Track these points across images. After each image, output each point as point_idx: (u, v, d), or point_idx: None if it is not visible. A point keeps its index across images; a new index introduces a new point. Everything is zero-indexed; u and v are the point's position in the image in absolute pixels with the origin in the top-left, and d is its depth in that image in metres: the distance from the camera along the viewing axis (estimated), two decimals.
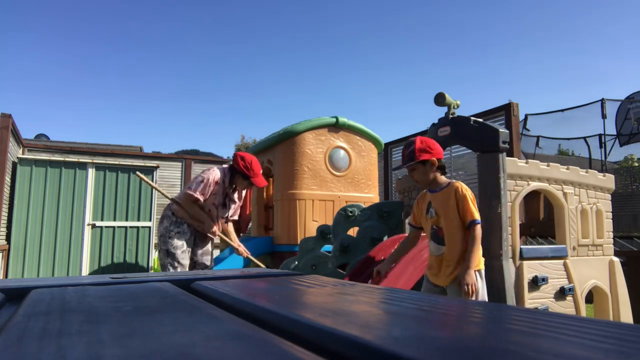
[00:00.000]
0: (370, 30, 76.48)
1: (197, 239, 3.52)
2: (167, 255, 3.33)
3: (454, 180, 2.41)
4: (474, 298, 2.21)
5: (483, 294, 2.33)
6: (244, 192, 3.73)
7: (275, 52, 72.54)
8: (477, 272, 2.28)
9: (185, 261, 3.38)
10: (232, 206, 3.61)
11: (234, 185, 3.55)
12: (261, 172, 3.52)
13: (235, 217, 3.72)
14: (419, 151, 2.33)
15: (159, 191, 3.66)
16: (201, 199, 3.33)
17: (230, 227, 3.71)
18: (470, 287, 2.19)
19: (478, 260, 2.29)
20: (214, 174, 3.40)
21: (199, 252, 3.53)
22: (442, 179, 2.42)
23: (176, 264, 3.32)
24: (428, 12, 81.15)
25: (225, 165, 3.61)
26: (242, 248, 3.63)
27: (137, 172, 3.87)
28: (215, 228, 3.47)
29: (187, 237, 3.41)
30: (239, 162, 3.39)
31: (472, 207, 2.28)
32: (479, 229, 2.27)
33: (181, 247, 3.35)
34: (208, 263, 3.62)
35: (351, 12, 75.16)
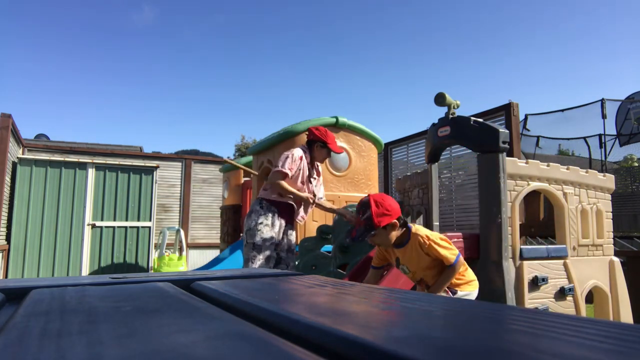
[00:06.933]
0: (371, 30, 76.54)
1: (284, 234, 3.41)
2: (253, 248, 3.22)
3: (412, 228, 2.23)
4: None
5: None
6: (320, 168, 3.59)
7: (276, 52, 72.61)
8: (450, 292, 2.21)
9: (269, 252, 3.27)
10: (317, 183, 3.51)
11: (314, 161, 3.48)
12: (335, 140, 3.48)
13: (324, 198, 3.61)
14: (377, 217, 2.13)
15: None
16: (289, 173, 3.25)
17: (325, 202, 3.59)
18: None
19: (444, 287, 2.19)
20: (296, 150, 3.35)
21: (285, 247, 3.41)
22: (402, 232, 2.24)
23: (261, 257, 3.22)
24: (428, 12, 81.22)
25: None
26: (348, 211, 3.38)
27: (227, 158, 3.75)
28: (310, 195, 3.35)
29: (276, 230, 3.32)
30: (314, 133, 3.39)
31: (444, 251, 2.16)
32: (458, 265, 2.17)
33: (269, 240, 3.26)
34: (290, 262, 3.43)
35: (352, 12, 75.25)
